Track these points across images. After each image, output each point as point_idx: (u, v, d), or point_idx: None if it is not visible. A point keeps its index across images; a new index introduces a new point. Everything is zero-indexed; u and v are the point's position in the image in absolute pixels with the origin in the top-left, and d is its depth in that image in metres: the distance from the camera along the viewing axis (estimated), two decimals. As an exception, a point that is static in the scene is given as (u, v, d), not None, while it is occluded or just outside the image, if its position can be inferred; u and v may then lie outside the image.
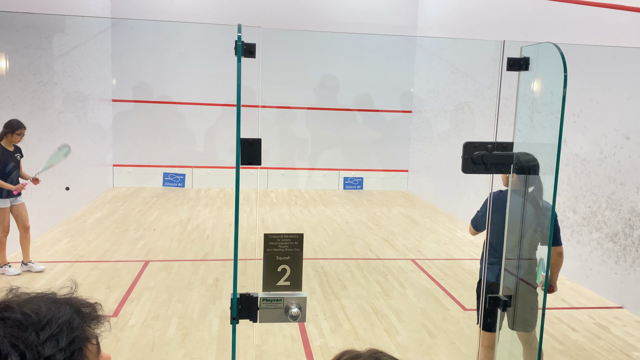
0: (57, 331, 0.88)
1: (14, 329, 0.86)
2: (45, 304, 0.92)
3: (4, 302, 0.92)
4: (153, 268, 6.46)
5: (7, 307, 0.90)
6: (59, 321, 0.90)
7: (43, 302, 0.93)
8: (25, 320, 0.88)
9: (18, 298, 0.94)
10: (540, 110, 2.65)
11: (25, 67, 7.27)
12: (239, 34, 1.93)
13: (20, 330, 0.86)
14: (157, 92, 11.82)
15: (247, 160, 2.07)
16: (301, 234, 2.19)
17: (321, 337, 4.73)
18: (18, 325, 0.87)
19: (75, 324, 0.92)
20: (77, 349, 0.90)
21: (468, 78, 9.76)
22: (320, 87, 12.33)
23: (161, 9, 11.58)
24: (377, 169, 12.62)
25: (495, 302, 2.65)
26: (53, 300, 0.95)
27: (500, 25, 8.68)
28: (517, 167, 3.02)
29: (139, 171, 11.89)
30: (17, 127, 6.01)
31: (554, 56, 2.25)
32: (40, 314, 0.89)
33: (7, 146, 6.01)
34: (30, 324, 0.87)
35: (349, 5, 12.16)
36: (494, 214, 3.24)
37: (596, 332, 5.08)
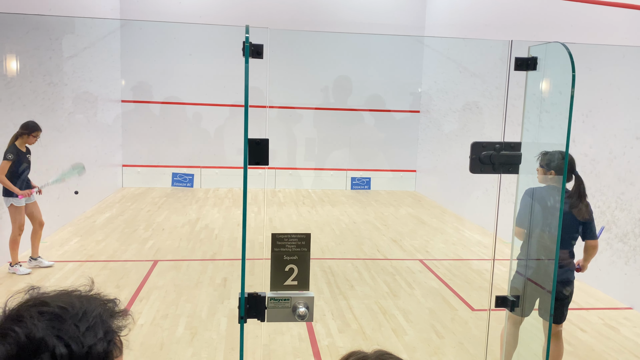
0: (93, 323, 0.92)
1: (55, 322, 0.89)
2: (75, 298, 0.96)
3: (36, 297, 0.95)
4: (162, 268, 6.49)
5: (42, 301, 0.92)
6: (92, 314, 0.93)
7: (72, 297, 0.96)
8: (63, 314, 0.90)
9: (45, 294, 0.96)
10: (548, 110, 2.64)
11: (35, 68, 7.34)
12: (247, 35, 1.94)
13: (60, 322, 0.89)
14: (166, 92, 11.88)
15: (255, 160, 2.08)
16: (308, 233, 2.20)
17: (329, 337, 4.74)
18: (57, 318, 0.89)
19: (105, 316, 0.95)
20: (110, 339, 0.94)
21: (476, 78, 9.72)
22: (328, 88, 12.34)
23: (169, 10, 11.64)
24: (384, 169, 12.61)
25: (503, 302, 2.65)
26: (80, 295, 0.98)
27: (509, 24, 8.65)
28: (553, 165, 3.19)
29: (148, 171, 11.95)
30: (33, 129, 6.09)
31: (562, 56, 2.24)
32: (75, 308, 0.92)
33: (21, 147, 6.08)
34: (69, 317, 0.90)
35: (356, 5, 12.16)
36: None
37: (606, 333, 5.04)
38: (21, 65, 6.93)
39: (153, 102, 11.90)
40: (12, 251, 6.12)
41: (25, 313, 0.90)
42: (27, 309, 0.91)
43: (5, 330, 0.87)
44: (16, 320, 0.89)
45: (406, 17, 12.32)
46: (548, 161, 3.34)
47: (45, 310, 0.90)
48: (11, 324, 0.88)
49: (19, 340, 0.85)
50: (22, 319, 0.89)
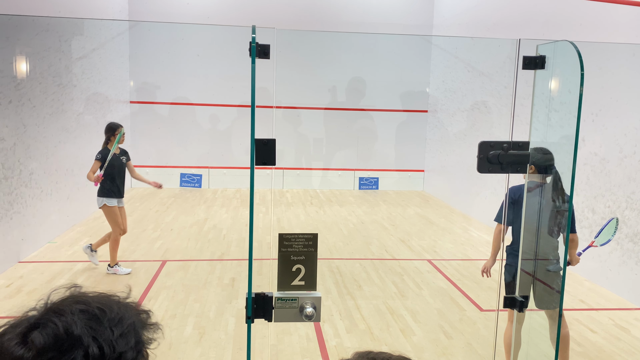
0: (126, 330, 0.93)
1: (92, 322, 0.90)
2: (114, 303, 0.97)
3: (78, 295, 0.97)
4: (170, 268, 6.52)
5: (83, 300, 0.94)
6: (128, 321, 0.95)
7: (112, 301, 0.97)
8: (101, 316, 0.92)
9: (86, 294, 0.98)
10: (557, 109, 2.62)
11: (45, 69, 7.40)
12: (253, 35, 1.94)
13: (97, 324, 0.90)
14: (174, 93, 11.93)
15: (262, 160, 2.09)
16: (315, 233, 2.20)
17: (337, 337, 4.74)
18: (95, 319, 0.91)
19: (138, 326, 0.97)
20: (140, 349, 0.95)
21: (484, 77, 9.68)
22: (335, 88, 12.33)
23: (177, 11, 11.69)
24: (392, 169, 12.58)
25: (511, 303, 2.63)
26: (118, 301, 0.99)
27: (517, 23, 8.60)
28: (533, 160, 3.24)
29: (156, 172, 12.00)
30: (115, 128, 6.24)
31: (570, 54, 2.23)
32: (113, 312, 0.94)
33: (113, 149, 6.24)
34: (106, 320, 0.92)
35: (364, 5, 12.14)
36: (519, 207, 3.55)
37: (616, 334, 5.00)
38: (31, 67, 6.99)
39: (161, 102, 11.95)
40: (112, 252, 6.21)
41: (67, 308, 0.92)
42: (69, 304, 0.93)
43: (46, 321, 0.89)
44: (57, 313, 0.91)
45: (414, 16, 12.29)
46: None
47: (85, 309, 0.92)
48: (52, 315, 0.90)
49: (57, 333, 0.87)
50: (63, 313, 0.90)
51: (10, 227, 6.39)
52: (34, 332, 0.87)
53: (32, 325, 0.89)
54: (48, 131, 7.47)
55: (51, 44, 7.59)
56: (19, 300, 5.35)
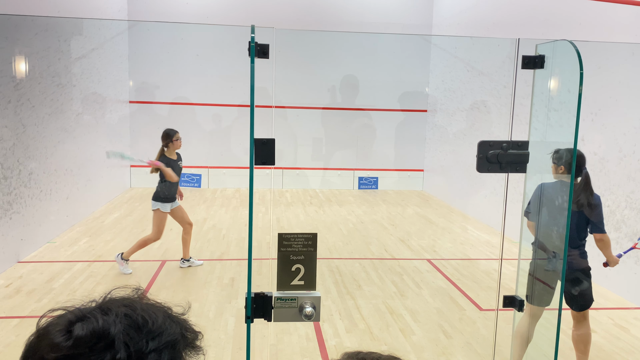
0: (162, 346, 0.92)
1: (132, 329, 0.91)
2: (161, 316, 0.97)
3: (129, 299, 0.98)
4: (170, 268, 6.52)
5: (132, 305, 0.95)
6: (167, 338, 0.94)
7: (160, 313, 0.97)
8: (143, 325, 0.92)
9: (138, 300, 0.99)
10: (557, 109, 2.62)
11: (44, 69, 7.39)
12: (252, 34, 1.94)
13: (136, 332, 0.91)
14: (173, 93, 11.93)
15: (261, 160, 2.09)
16: (315, 233, 2.20)
17: (336, 337, 4.74)
18: (136, 327, 0.91)
19: (178, 346, 0.95)
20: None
21: (484, 77, 9.68)
22: (335, 87, 12.33)
23: (177, 11, 11.68)
24: (392, 168, 12.58)
25: (511, 302, 2.63)
26: (168, 315, 0.99)
27: (517, 23, 8.60)
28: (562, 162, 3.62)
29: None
30: (173, 134, 6.29)
31: (569, 54, 2.23)
32: (155, 324, 0.94)
33: (171, 155, 6.31)
34: (145, 331, 0.92)
35: (363, 5, 12.14)
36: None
37: (615, 333, 5.00)
38: (30, 67, 6.98)
39: (160, 102, 11.94)
40: (136, 248, 6.28)
41: (114, 308, 0.93)
42: (118, 305, 0.95)
43: (90, 315, 0.91)
44: (103, 311, 0.93)
45: (413, 16, 12.29)
46: (558, 157, 3.64)
47: (129, 314, 0.93)
48: (98, 312, 0.92)
49: (96, 329, 0.89)
50: (108, 312, 0.92)
51: (10, 227, 6.39)
52: (77, 323, 0.89)
53: (79, 317, 0.91)
54: (47, 131, 7.46)
55: (50, 43, 7.59)
56: (18, 300, 5.35)
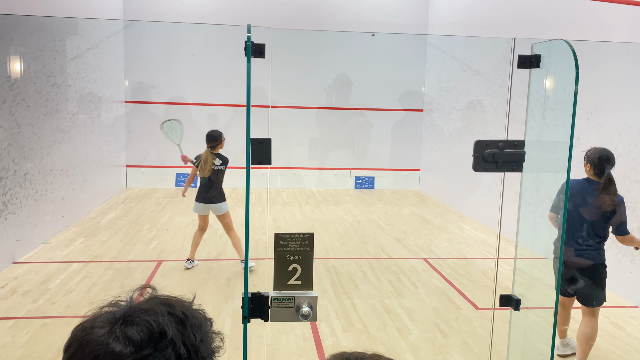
0: (205, 336, 1.00)
1: (180, 325, 0.96)
2: (191, 309, 1.02)
3: (163, 297, 1.02)
4: (166, 268, 6.50)
5: (169, 303, 0.99)
6: (205, 328, 1.01)
7: (191, 307, 1.03)
8: (185, 320, 0.97)
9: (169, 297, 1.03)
10: (553, 108, 2.63)
11: (39, 69, 7.36)
12: (249, 34, 1.94)
13: (183, 327, 0.96)
14: (169, 93, 11.90)
15: (258, 160, 2.08)
16: (311, 233, 2.20)
17: (333, 337, 4.74)
18: (181, 323, 0.96)
19: (211, 336, 1.03)
20: (214, 355, 1.02)
21: (480, 76, 9.69)
22: (331, 87, 12.33)
23: (172, 11, 11.65)
24: (388, 168, 12.59)
25: (507, 301, 2.64)
26: (197, 309, 1.05)
27: (513, 22, 8.62)
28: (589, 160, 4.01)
29: (152, 172, 11.98)
30: (219, 136, 6.52)
31: (565, 53, 2.23)
32: (194, 317, 1.00)
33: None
34: (189, 325, 0.97)
35: (360, 4, 12.14)
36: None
37: (611, 332, 5.02)
38: (25, 67, 6.95)
39: (157, 102, 11.92)
40: (239, 247, 6.41)
41: (156, 308, 0.97)
42: (156, 305, 0.98)
43: (136, 319, 0.94)
44: (146, 312, 0.95)
45: (409, 15, 12.30)
46: (586, 155, 4.11)
47: (172, 312, 0.97)
48: (142, 313, 0.95)
49: (152, 331, 0.92)
50: (153, 313, 0.95)
51: (5, 227, 6.36)
52: (129, 328, 0.91)
53: (125, 321, 0.93)
54: (42, 131, 7.44)
55: (45, 43, 7.56)
56: (14, 301, 5.33)
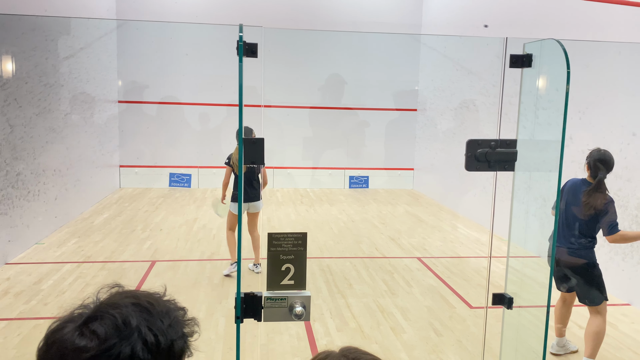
0: (174, 322, 1.02)
1: (145, 314, 0.99)
2: (159, 298, 1.06)
3: (127, 291, 1.05)
4: (160, 268, 6.49)
5: (134, 295, 1.03)
6: (173, 314, 1.04)
7: (157, 297, 1.06)
8: (151, 308, 1.00)
9: (134, 290, 1.06)
10: (545, 107, 2.64)
11: (31, 69, 7.32)
12: (240, 34, 1.94)
13: (149, 315, 0.99)
14: (163, 92, 11.87)
15: (250, 159, 2.08)
16: (305, 233, 2.20)
17: (327, 336, 4.74)
18: (147, 311, 0.99)
19: (181, 319, 1.06)
20: (186, 340, 1.05)
21: (473, 76, 9.73)
22: (325, 86, 12.33)
23: (165, 10, 11.62)
24: (382, 167, 12.61)
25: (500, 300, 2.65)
26: (161, 297, 1.08)
27: (506, 22, 8.65)
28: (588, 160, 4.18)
29: (145, 172, 11.94)
30: (250, 132, 6.18)
31: (557, 52, 2.24)
32: (160, 306, 1.03)
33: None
34: (155, 312, 1.00)
35: (354, 4, 12.15)
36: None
37: (603, 330, 5.05)
38: (17, 66, 6.91)
39: (150, 102, 11.88)
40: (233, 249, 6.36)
41: (120, 302, 0.99)
42: (121, 298, 1.01)
43: (103, 314, 0.96)
44: (111, 306, 0.98)
45: (403, 15, 12.32)
46: (588, 156, 4.29)
47: (136, 302, 1.00)
48: (107, 308, 0.98)
49: (117, 323, 0.95)
50: (117, 306, 0.98)
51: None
52: (93, 323, 0.94)
53: (90, 318, 0.96)
54: (35, 131, 7.40)
55: (38, 43, 7.52)
56: (7, 302, 5.30)
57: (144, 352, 0.94)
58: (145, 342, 0.95)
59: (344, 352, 1.15)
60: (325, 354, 1.16)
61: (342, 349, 1.16)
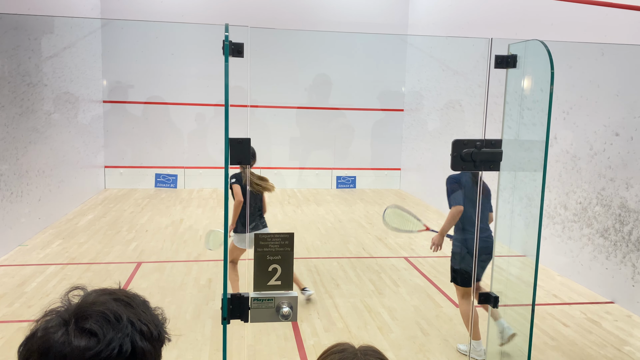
0: (152, 312, 1.04)
1: (129, 307, 0.99)
2: (130, 292, 1.07)
3: (99, 290, 1.05)
4: (146, 269, 6.43)
5: (109, 292, 1.03)
6: (149, 305, 1.06)
7: (128, 291, 1.07)
8: (131, 302, 1.01)
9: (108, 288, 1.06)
10: (530, 107, 2.67)
11: (14, 68, 7.22)
12: (226, 33, 1.93)
13: (132, 308, 1.00)
14: (148, 92, 11.78)
15: (236, 160, 2.07)
16: (292, 233, 2.19)
17: (314, 336, 4.74)
18: (128, 305, 1.00)
19: (152, 310, 1.07)
20: (165, 329, 1.06)
21: (459, 76, 9.79)
22: (312, 87, 12.33)
23: (151, 9, 11.53)
24: (369, 167, 12.64)
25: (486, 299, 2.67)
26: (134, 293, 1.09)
27: (491, 23, 8.72)
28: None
29: (130, 172, 11.84)
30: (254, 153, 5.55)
31: (541, 53, 2.26)
32: (136, 298, 1.04)
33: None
34: (135, 305, 1.01)
35: (340, 4, 12.17)
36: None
37: (587, 327, 5.11)
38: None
39: (135, 102, 11.78)
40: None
41: (101, 299, 0.99)
42: (99, 296, 1.00)
43: (90, 312, 0.96)
44: (95, 304, 0.98)
45: (389, 16, 12.36)
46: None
47: (116, 298, 1.00)
48: (92, 306, 0.97)
49: (108, 319, 0.95)
50: (100, 303, 0.98)
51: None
52: (85, 322, 0.94)
53: (79, 318, 0.95)
54: (17, 132, 7.30)
55: (20, 42, 7.41)
56: (-11, 305, 5.22)
57: (142, 341, 0.96)
58: (141, 332, 0.96)
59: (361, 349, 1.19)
60: (342, 347, 1.20)
61: (361, 346, 1.20)
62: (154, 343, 1.00)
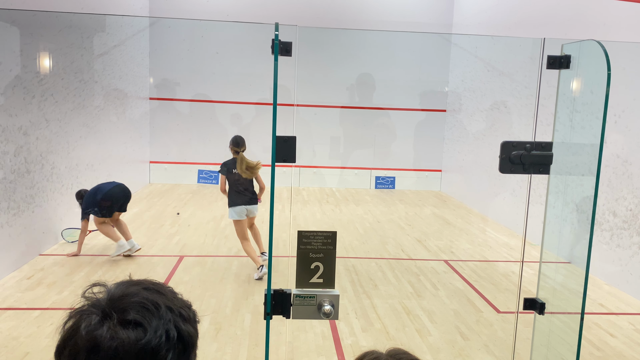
0: (182, 298, 1.03)
1: (162, 296, 0.98)
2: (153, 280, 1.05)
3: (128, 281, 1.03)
4: (187, 263, 6.57)
5: (136, 282, 1.01)
6: (178, 295, 1.03)
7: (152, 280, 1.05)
8: (161, 290, 1.00)
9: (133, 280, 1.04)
10: (579, 110, 2.59)
11: (67, 65, 7.50)
12: (276, 32, 1.94)
13: (164, 296, 0.98)
14: (193, 90, 12.02)
15: (282, 157, 2.09)
16: (334, 231, 2.20)
17: (352, 336, 4.73)
18: (160, 294, 0.99)
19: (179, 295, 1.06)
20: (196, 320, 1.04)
21: (505, 77, 9.57)
22: (354, 86, 12.31)
23: (197, 9, 11.76)
24: (409, 168, 12.53)
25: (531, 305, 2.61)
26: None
27: (539, 22, 8.49)
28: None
29: (174, 168, 12.12)
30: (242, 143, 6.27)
31: (596, 54, 2.19)
32: (164, 286, 1.02)
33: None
34: (165, 292, 1.00)
35: (384, 3, 12.09)
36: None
37: (636, 339, 4.92)
38: (54, 63, 7.09)
39: (180, 99, 12.05)
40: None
41: (132, 290, 0.97)
42: (129, 287, 0.98)
43: (126, 304, 0.94)
44: (127, 296, 0.96)
45: (434, 15, 12.21)
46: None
47: (147, 287, 0.98)
48: (124, 298, 0.95)
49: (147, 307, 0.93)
50: (133, 294, 0.96)
51: (32, 220, 6.50)
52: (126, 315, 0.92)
53: (117, 312, 0.93)
54: (69, 126, 7.58)
55: (74, 40, 7.70)
56: (40, 292, 5.44)
57: (185, 324, 0.96)
58: (181, 316, 0.96)
59: (391, 353, 1.15)
60: (374, 355, 1.16)
61: (390, 350, 1.15)
62: (194, 324, 1.00)
